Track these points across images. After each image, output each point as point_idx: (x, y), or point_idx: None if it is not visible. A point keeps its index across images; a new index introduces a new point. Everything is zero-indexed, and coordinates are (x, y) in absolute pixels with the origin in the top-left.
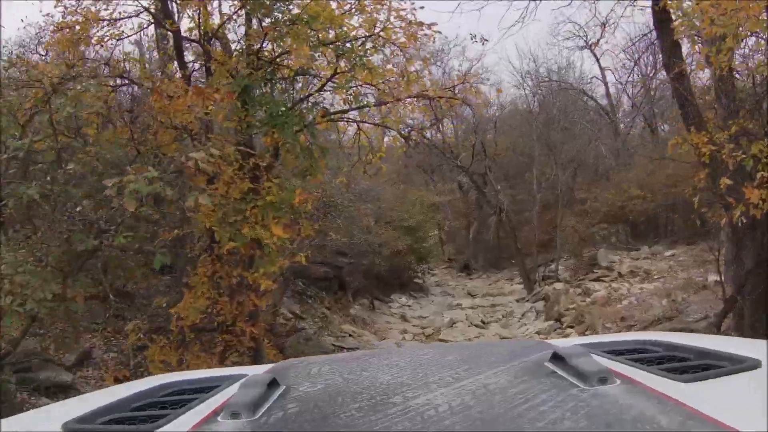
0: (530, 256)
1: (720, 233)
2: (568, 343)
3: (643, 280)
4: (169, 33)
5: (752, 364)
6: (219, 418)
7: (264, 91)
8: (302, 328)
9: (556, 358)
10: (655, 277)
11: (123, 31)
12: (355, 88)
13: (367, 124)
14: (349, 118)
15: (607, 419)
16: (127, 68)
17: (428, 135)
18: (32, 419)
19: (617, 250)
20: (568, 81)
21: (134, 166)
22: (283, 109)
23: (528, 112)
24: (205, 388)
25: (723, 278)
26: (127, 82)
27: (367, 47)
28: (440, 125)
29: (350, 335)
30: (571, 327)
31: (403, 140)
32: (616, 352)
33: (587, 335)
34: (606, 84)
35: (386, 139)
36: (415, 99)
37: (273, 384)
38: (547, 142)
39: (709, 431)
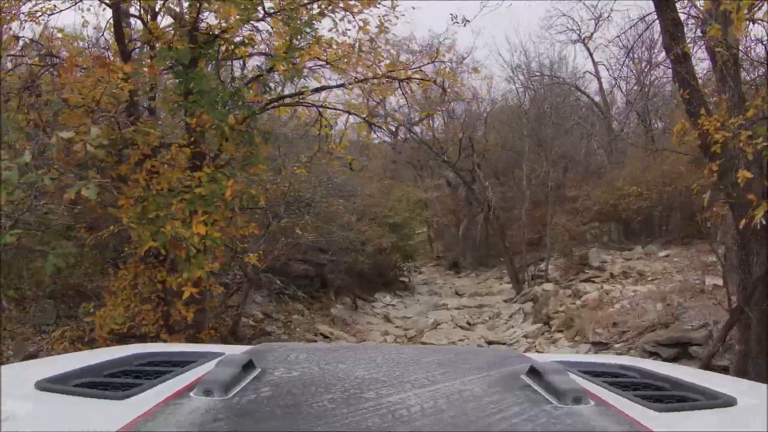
0: (519, 254)
1: (718, 234)
2: (546, 358)
3: (637, 282)
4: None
5: (727, 401)
6: (191, 394)
7: (200, 67)
8: (270, 331)
9: (533, 372)
10: (649, 278)
11: (55, 5)
12: (296, 61)
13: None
14: (306, 102)
15: None
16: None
17: (417, 130)
18: (4, 374)
19: (609, 250)
20: (561, 76)
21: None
22: (213, 85)
23: (518, 107)
24: (180, 362)
25: (726, 283)
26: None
27: (313, 12)
28: (430, 121)
29: (326, 336)
30: (560, 331)
31: (369, 127)
32: (594, 373)
33: (576, 339)
34: (599, 79)
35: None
36: (383, 80)
37: (249, 365)
38: (537, 137)
39: None
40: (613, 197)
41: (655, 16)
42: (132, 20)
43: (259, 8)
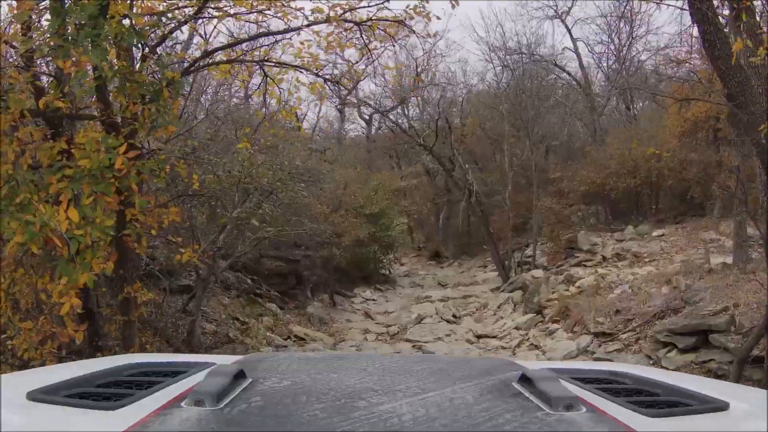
0: (503, 240)
1: (714, 209)
2: (537, 366)
3: (633, 264)
4: None
5: (720, 406)
6: (183, 404)
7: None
8: (234, 337)
9: (525, 380)
10: (647, 260)
11: None
12: None
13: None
14: (246, 59)
15: None
16: None
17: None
18: None
19: (598, 232)
20: (539, 53)
21: None
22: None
23: (496, 87)
24: (171, 373)
25: (734, 260)
26: None
27: None
28: (406, 108)
29: (301, 338)
30: (556, 321)
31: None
32: (585, 380)
33: (575, 330)
34: (578, 55)
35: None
36: (340, 23)
37: (240, 375)
38: (518, 117)
39: None
40: (600, 176)
41: None
42: None
43: None
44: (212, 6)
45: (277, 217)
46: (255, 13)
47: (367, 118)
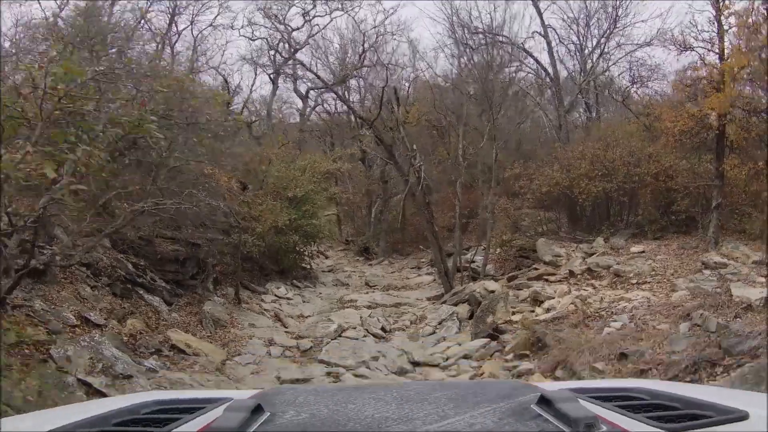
0: (443, 240)
1: (710, 227)
2: (555, 386)
3: (616, 286)
4: None
5: (739, 416)
6: None
7: None
8: (57, 355)
9: (543, 401)
10: (634, 282)
11: None
12: None
13: None
14: None
15: None
16: None
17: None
18: (12, 425)
19: (560, 242)
20: (505, 35)
21: None
22: None
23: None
24: (189, 409)
25: None
26: None
27: None
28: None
29: (180, 350)
30: (524, 356)
31: None
32: (603, 398)
33: (558, 375)
34: (549, 43)
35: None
36: None
37: (257, 410)
38: (477, 102)
39: None
40: (568, 177)
41: None
42: None
43: None
44: None
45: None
46: None
47: (304, 93)
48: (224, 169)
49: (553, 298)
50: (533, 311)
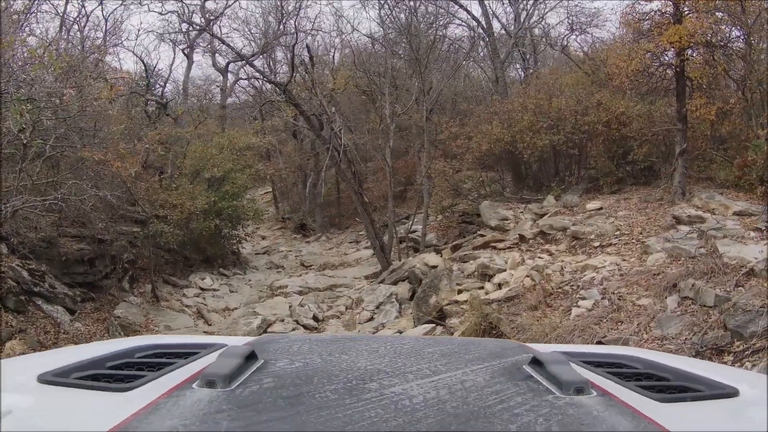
0: (380, 211)
1: (674, 174)
2: (548, 348)
3: (576, 251)
4: None
5: (730, 392)
6: (194, 386)
7: None
8: None
9: (535, 362)
10: (597, 245)
11: None
12: None
13: None
14: None
15: (579, 429)
16: None
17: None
18: (6, 367)
19: (506, 203)
20: None
21: None
22: None
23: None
24: (183, 354)
25: None
26: None
27: None
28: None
29: None
30: None
31: None
32: (596, 363)
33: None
34: None
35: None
36: None
37: (251, 357)
38: (408, 61)
39: None
40: (510, 132)
41: None
42: None
43: None
44: None
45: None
46: None
47: (223, 67)
48: (117, 153)
49: (505, 270)
50: (482, 287)
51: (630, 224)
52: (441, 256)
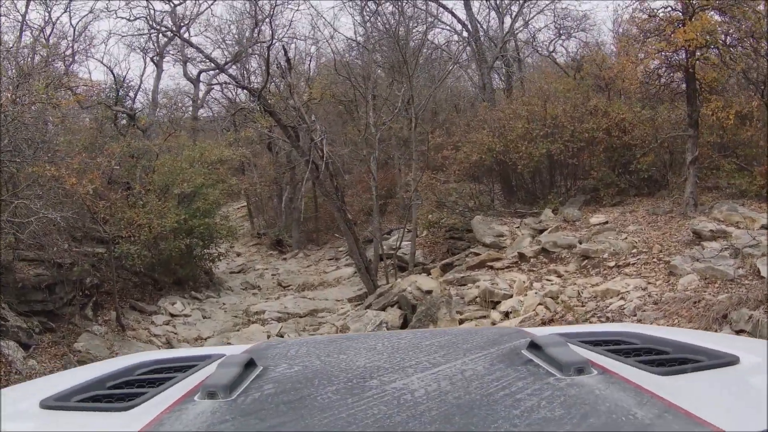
0: (359, 226)
1: (685, 184)
2: (545, 331)
3: (589, 272)
4: None
5: (730, 360)
6: (195, 398)
7: None
8: None
9: (534, 346)
10: (612, 265)
11: None
12: None
13: None
14: None
15: (583, 409)
16: None
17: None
18: (8, 396)
19: (500, 217)
20: None
21: None
22: None
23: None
24: (182, 367)
25: None
26: None
27: None
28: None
29: None
30: None
31: None
32: (594, 342)
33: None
34: None
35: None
36: None
37: (250, 364)
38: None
39: (684, 424)
40: (502, 141)
41: None
42: None
43: None
44: None
45: None
46: None
47: (195, 77)
48: (71, 168)
49: (511, 296)
50: (486, 316)
51: (645, 240)
52: (432, 277)
